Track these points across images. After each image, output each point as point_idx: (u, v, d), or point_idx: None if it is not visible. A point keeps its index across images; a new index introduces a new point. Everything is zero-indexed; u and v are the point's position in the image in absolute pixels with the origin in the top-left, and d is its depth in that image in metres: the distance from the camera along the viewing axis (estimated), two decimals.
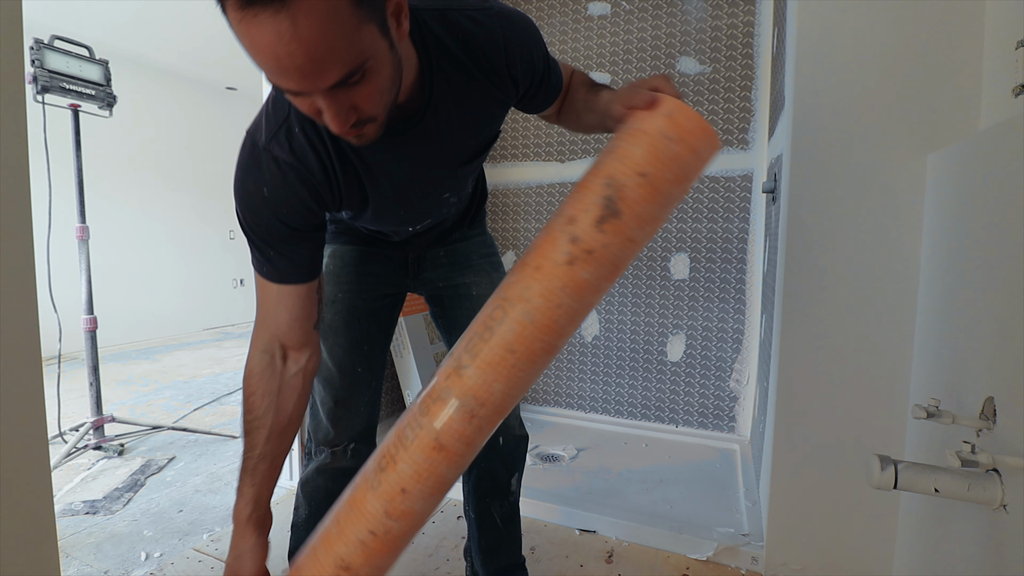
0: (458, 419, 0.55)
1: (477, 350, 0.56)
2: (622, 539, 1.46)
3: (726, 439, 2.07)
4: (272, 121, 0.66)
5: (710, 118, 2.04)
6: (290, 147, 0.65)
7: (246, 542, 0.71)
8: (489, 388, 0.55)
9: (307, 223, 0.70)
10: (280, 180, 0.66)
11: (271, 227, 0.68)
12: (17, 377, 0.72)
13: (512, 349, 0.55)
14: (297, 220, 0.68)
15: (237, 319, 5.28)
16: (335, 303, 0.95)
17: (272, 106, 0.66)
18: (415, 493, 0.56)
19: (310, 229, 0.71)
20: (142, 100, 4.31)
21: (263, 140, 0.65)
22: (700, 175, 0.56)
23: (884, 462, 0.62)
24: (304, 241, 0.71)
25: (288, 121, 0.65)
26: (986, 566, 0.67)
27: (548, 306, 0.55)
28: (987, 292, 0.74)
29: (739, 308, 2.06)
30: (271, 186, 0.66)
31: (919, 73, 1.04)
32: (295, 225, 0.68)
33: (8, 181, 0.70)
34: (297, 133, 0.65)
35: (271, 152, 0.65)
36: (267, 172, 0.65)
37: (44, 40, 1.97)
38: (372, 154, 0.70)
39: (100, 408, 2.14)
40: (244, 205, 0.68)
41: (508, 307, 0.56)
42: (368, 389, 0.98)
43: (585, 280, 0.56)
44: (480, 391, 0.55)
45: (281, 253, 0.70)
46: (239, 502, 0.71)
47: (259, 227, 0.68)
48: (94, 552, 1.43)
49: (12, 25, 0.70)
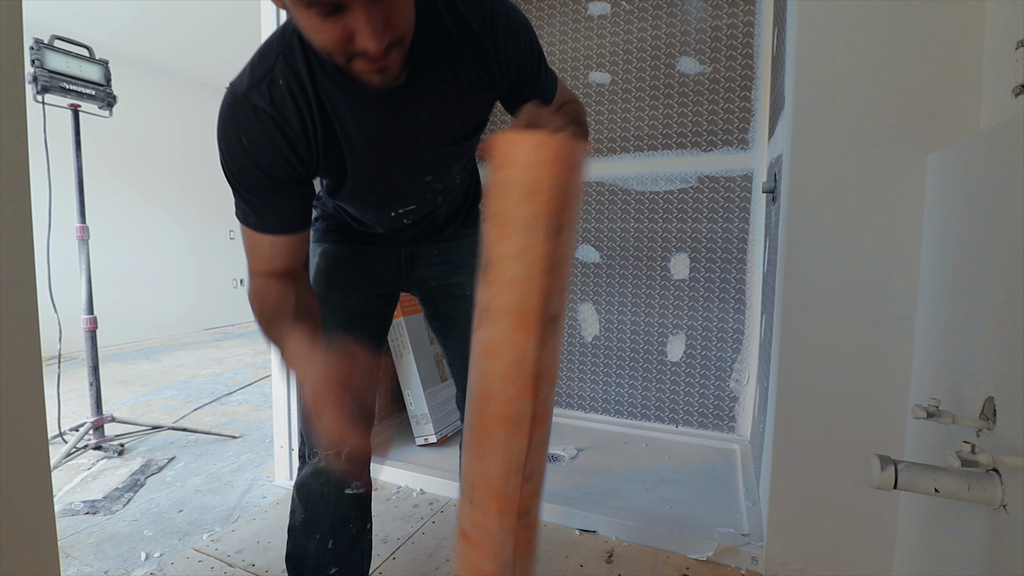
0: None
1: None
2: (622, 539, 1.46)
3: (726, 439, 2.07)
4: (256, 71, 0.66)
5: (710, 118, 2.04)
6: (270, 97, 0.65)
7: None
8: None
9: (287, 176, 0.70)
10: (259, 129, 0.66)
11: (252, 177, 0.68)
12: (17, 377, 0.72)
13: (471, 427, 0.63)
14: (277, 171, 0.69)
15: (237, 319, 5.28)
16: (326, 303, 0.93)
17: (258, 59, 0.67)
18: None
19: (292, 183, 0.71)
20: (142, 100, 4.31)
21: (243, 88, 0.66)
22: (559, 177, 0.55)
23: (884, 462, 0.62)
24: (288, 194, 0.71)
25: (272, 73, 0.65)
26: (986, 566, 0.67)
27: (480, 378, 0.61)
28: (987, 292, 0.74)
29: (739, 308, 2.06)
30: (249, 135, 0.66)
31: (919, 73, 1.04)
32: (276, 176, 0.69)
33: (8, 181, 0.70)
34: (280, 85, 0.66)
35: (250, 100, 0.65)
36: (245, 121, 0.66)
37: (44, 40, 1.97)
38: (353, 117, 0.70)
39: (100, 408, 2.14)
40: (226, 154, 0.68)
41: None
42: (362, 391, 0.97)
43: (493, 338, 0.60)
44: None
45: (267, 203, 0.70)
46: (305, 367, 0.66)
47: (242, 176, 0.69)
48: (94, 552, 1.43)
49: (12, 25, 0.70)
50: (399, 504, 1.67)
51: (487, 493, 0.63)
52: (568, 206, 0.58)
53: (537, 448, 0.63)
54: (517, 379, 0.60)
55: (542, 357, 0.60)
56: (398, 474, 1.81)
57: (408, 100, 0.70)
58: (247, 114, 0.66)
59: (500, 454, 0.62)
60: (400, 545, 1.45)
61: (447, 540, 1.48)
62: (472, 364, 0.64)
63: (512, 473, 0.62)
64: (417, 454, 1.95)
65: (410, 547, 1.45)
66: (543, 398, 0.61)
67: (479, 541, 0.65)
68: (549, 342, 0.60)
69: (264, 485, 1.83)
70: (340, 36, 0.54)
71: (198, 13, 3.39)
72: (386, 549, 1.43)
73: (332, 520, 0.95)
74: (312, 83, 0.67)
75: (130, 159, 4.30)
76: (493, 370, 0.61)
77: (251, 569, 1.35)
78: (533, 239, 0.57)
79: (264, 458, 2.05)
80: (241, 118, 0.66)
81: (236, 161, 0.68)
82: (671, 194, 2.13)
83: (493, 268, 0.60)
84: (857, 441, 1.13)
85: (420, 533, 1.51)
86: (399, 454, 1.95)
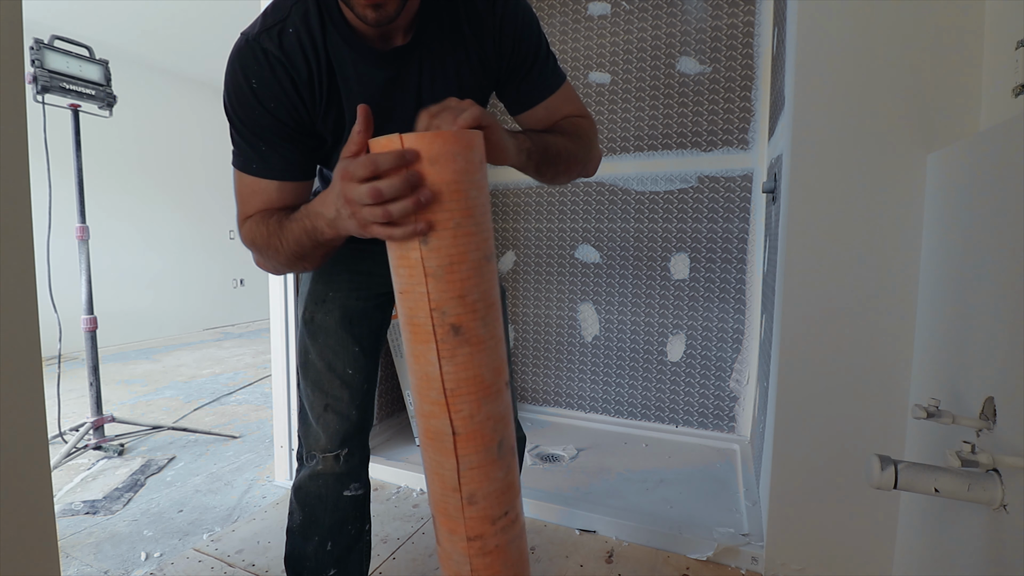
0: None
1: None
2: (622, 539, 1.46)
3: (726, 439, 2.07)
4: (269, 19, 0.69)
5: (710, 118, 2.04)
6: (280, 42, 0.68)
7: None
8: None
9: (293, 120, 0.71)
10: (268, 72, 0.68)
11: (261, 120, 0.69)
12: (17, 377, 0.72)
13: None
14: (283, 114, 0.70)
15: (237, 319, 5.28)
16: (326, 302, 0.92)
17: (271, 8, 0.70)
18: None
19: (298, 129, 0.72)
20: (142, 100, 4.31)
21: (254, 33, 0.68)
22: (427, 176, 0.53)
23: (884, 462, 0.62)
24: (295, 142, 0.72)
25: (284, 22, 0.68)
26: (986, 566, 0.67)
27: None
28: (987, 292, 0.74)
29: (739, 308, 2.06)
30: (259, 77, 0.68)
31: (919, 73, 1.04)
32: (284, 119, 0.70)
33: (8, 181, 0.70)
34: (291, 33, 0.68)
35: (260, 43, 0.68)
36: (254, 63, 0.68)
37: (44, 40, 1.97)
38: (356, 72, 0.72)
39: (100, 408, 2.14)
40: (233, 97, 0.69)
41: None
42: (360, 393, 0.94)
43: (407, 351, 0.60)
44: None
45: (272, 147, 0.71)
46: (310, 220, 0.65)
47: (249, 120, 0.70)
48: (94, 552, 1.43)
49: (12, 25, 0.70)
50: (399, 504, 1.67)
51: (436, 510, 0.62)
52: (440, 205, 0.54)
53: (476, 469, 0.58)
54: (428, 394, 0.58)
55: (452, 371, 0.56)
56: (398, 474, 1.81)
57: (411, 64, 0.73)
58: (257, 57, 0.68)
59: (434, 471, 0.60)
60: (400, 545, 1.45)
61: None
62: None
63: (449, 492, 0.59)
64: (417, 454, 1.95)
65: (410, 547, 1.45)
66: (466, 415, 0.57)
67: (442, 557, 0.64)
68: (457, 354, 0.56)
69: (264, 485, 1.83)
70: None
71: (198, 13, 3.39)
72: (386, 549, 1.43)
73: (331, 522, 0.94)
74: (323, 36, 0.69)
75: (130, 159, 4.30)
76: (413, 383, 0.60)
77: (251, 569, 1.35)
78: (405, 248, 0.55)
79: (264, 458, 2.05)
80: (251, 60, 0.68)
81: (244, 102, 0.69)
82: (671, 194, 2.13)
83: (394, 277, 0.58)
84: (857, 441, 1.13)
85: (420, 533, 1.51)
86: (399, 454, 1.95)
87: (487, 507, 0.60)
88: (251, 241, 0.73)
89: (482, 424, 0.58)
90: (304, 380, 0.94)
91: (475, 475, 0.59)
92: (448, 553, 0.62)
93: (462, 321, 0.56)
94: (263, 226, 0.71)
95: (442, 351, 0.56)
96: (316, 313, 0.93)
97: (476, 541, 0.60)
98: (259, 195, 0.73)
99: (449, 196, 0.54)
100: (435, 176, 0.53)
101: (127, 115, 4.01)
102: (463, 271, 0.55)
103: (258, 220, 0.72)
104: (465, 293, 0.56)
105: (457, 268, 0.55)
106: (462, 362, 0.56)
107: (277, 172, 0.72)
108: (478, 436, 0.59)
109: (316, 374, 0.92)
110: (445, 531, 0.61)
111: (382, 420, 2.15)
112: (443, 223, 0.54)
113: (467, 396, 0.57)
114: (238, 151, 0.73)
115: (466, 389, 0.57)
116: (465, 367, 0.57)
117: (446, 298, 0.55)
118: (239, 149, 0.72)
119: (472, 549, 0.60)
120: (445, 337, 0.55)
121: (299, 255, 0.70)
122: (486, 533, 0.60)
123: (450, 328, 0.55)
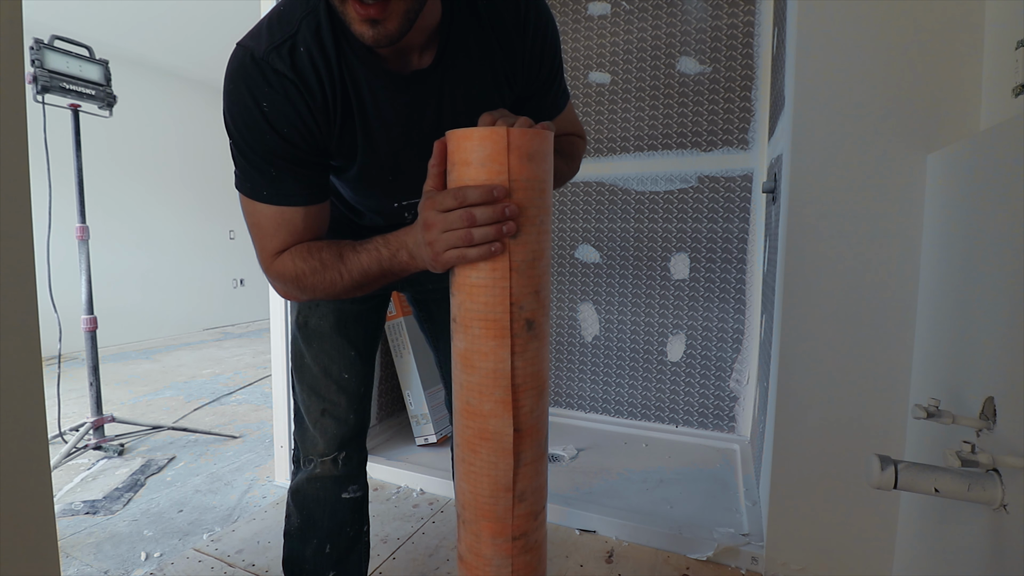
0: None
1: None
2: (622, 539, 1.46)
3: (726, 439, 2.07)
4: (276, 35, 0.62)
5: (710, 118, 2.04)
6: (292, 62, 0.62)
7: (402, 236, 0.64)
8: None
9: (307, 144, 0.65)
10: (280, 95, 0.62)
11: (272, 144, 0.63)
12: (17, 377, 0.72)
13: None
14: (298, 137, 0.64)
15: (237, 319, 5.28)
16: (319, 306, 0.90)
17: (277, 21, 0.63)
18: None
19: (312, 153, 0.67)
20: (142, 100, 4.31)
21: (262, 51, 0.62)
22: (514, 171, 0.53)
23: (884, 462, 0.62)
24: (308, 166, 0.67)
25: (294, 39, 0.62)
26: (986, 566, 0.67)
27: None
28: (987, 292, 0.74)
29: (739, 308, 2.06)
30: (270, 100, 0.62)
31: (919, 73, 1.04)
32: (296, 142, 0.64)
33: (8, 181, 0.70)
34: (302, 52, 0.62)
35: (270, 64, 0.61)
36: (264, 84, 0.62)
37: (44, 40, 1.97)
38: (373, 96, 0.67)
39: (100, 408, 2.14)
40: (239, 120, 0.63)
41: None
42: (356, 397, 0.93)
43: (466, 348, 0.59)
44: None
45: (285, 172, 0.65)
46: (389, 250, 0.65)
47: (258, 144, 0.64)
48: (94, 552, 1.43)
49: (12, 25, 0.70)
50: (399, 504, 1.67)
51: (477, 515, 0.60)
52: (530, 200, 0.54)
53: (528, 465, 0.58)
54: (494, 392, 0.56)
55: (521, 366, 0.56)
56: (398, 474, 1.81)
57: (431, 87, 0.69)
58: (267, 78, 0.62)
59: (486, 473, 0.58)
60: (400, 545, 1.45)
61: (447, 540, 1.48)
62: (453, 376, 0.61)
63: (501, 493, 0.58)
64: (417, 454, 1.95)
65: (410, 547, 1.45)
66: (527, 411, 0.57)
67: (475, 565, 0.61)
68: (528, 349, 0.56)
69: (264, 485, 1.83)
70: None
71: (198, 13, 3.39)
72: (386, 549, 1.43)
73: (329, 524, 0.94)
74: (336, 55, 0.64)
75: (130, 159, 4.30)
76: (470, 382, 0.58)
77: (251, 569, 1.35)
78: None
79: (264, 458, 2.05)
80: (260, 81, 0.62)
81: (253, 125, 0.63)
82: (671, 194, 2.13)
83: (457, 274, 0.57)
84: (857, 441, 1.13)
85: (420, 533, 1.51)
86: (399, 454, 1.95)
87: (532, 503, 0.60)
88: (292, 276, 0.67)
89: (537, 419, 0.59)
90: (300, 384, 0.93)
91: (527, 471, 0.59)
92: (486, 559, 0.60)
93: (536, 316, 0.57)
94: (312, 260, 0.66)
95: (516, 346, 0.56)
96: (310, 317, 0.91)
97: (520, 540, 0.60)
98: (285, 227, 0.67)
99: (539, 192, 0.55)
100: (530, 172, 0.54)
101: (127, 115, 4.01)
102: (541, 266, 0.57)
103: (301, 255, 0.67)
104: (540, 288, 0.57)
105: (537, 263, 0.56)
106: (531, 357, 0.57)
107: (296, 197, 0.66)
108: (534, 432, 0.59)
109: (312, 379, 0.91)
110: (488, 535, 0.59)
111: (382, 420, 2.15)
112: (531, 219, 0.55)
113: (530, 392, 0.58)
114: (244, 176, 0.66)
115: (530, 384, 0.58)
116: (532, 362, 0.57)
117: (525, 292, 0.55)
118: (245, 174, 0.66)
119: (516, 548, 0.60)
120: (520, 332, 0.55)
121: (360, 285, 0.67)
122: (529, 529, 0.61)
123: (525, 323, 0.56)
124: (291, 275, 0.68)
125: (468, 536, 0.61)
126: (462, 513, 0.62)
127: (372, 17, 0.55)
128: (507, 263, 0.54)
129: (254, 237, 0.69)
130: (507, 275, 0.54)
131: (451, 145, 0.56)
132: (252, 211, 0.68)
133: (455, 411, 0.62)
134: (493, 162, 0.53)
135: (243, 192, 0.68)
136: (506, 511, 0.58)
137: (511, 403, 0.56)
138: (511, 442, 0.57)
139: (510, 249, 0.54)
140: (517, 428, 0.57)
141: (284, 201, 0.66)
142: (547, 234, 0.58)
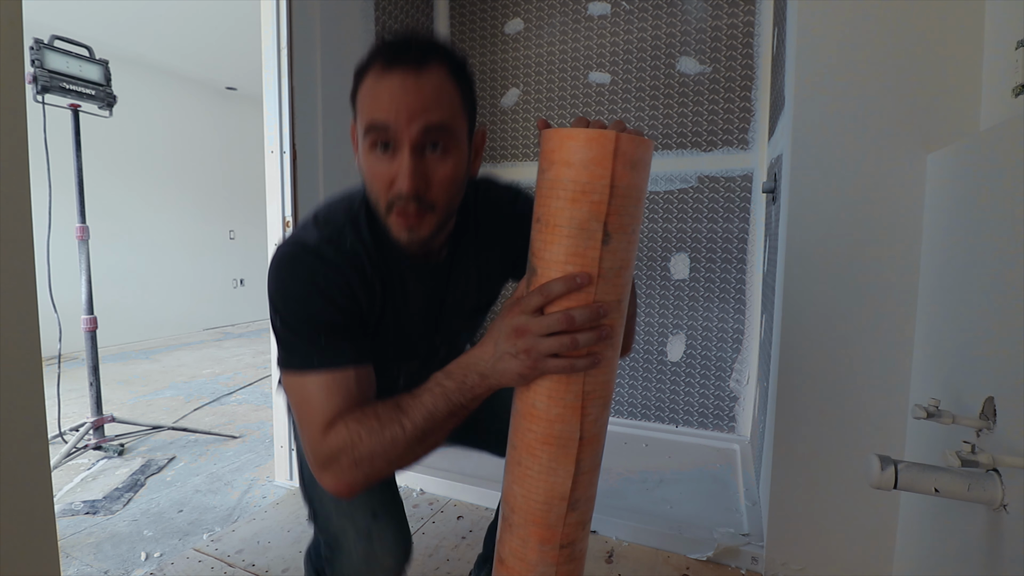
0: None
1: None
2: (622, 539, 1.46)
3: (726, 439, 2.07)
4: (325, 230, 0.70)
5: (710, 118, 2.05)
6: (339, 250, 0.69)
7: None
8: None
9: (353, 315, 0.68)
10: (333, 270, 0.67)
11: (323, 313, 0.66)
12: (17, 377, 0.72)
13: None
14: (346, 303, 0.67)
15: (237, 319, 5.28)
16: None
17: (323, 219, 0.71)
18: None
19: (358, 323, 0.69)
20: (142, 100, 4.31)
21: (312, 242, 0.68)
22: (615, 176, 0.51)
23: (884, 462, 0.62)
24: (355, 332, 0.69)
25: (341, 234, 0.70)
26: (986, 566, 0.67)
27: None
28: (987, 292, 0.74)
29: (739, 308, 2.06)
30: (323, 275, 0.67)
31: (919, 73, 1.04)
32: (345, 307, 0.67)
33: (8, 181, 0.70)
34: (348, 244, 0.70)
35: (320, 251, 0.68)
36: (319, 264, 0.67)
37: (44, 40, 1.97)
38: (402, 286, 0.75)
39: (100, 408, 2.14)
40: (289, 296, 0.66)
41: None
42: (394, 482, 0.93)
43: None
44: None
45: (335, 338, 0.66)
46: (453, 381, 0.62)
47: (308, 315, 0.65)
48: (94, 552, 1.43)
49: (12, 25, 0.70)
50: None
51: (527, 519, 0.58)
52: (625, 208, 0.53)
53: (586, 474, 0.58)
54: (564, 397, 0.55)
55: (594, 374, 0.55)
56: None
57: (444, 277, 0.78)
58: (323, 259, 0.67)
59: (543, 479, 0.57)
60: None
61: (447, 540, 1.48)
62: None
63: (555, 501, 0.57)
64: None
65: None
66: (592, 419, 0.56)
67: (517, 570, 0.60)
68: (604, 356, 0.55)
69: (264, 485, 1.83)
70: (387, 175, 0.62)
71: (198, 13, 3.39)
72: None
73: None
74: (376, 248, 0.71)
75: (130, 159, 4.30)
76: (539, 385, 0.56)
77: (251, 569, 1.35)
78: (584, 243, 0.52)
79: (264, 458, 2.05)
80: (314, 262, 0.67)
81: (303, 298, 0.65)
82: (671, 194, 2.13)
83: (539, 275, 0.55)
84: (857, 441, 1.13)
85: (420, 533, 1.51)
86: None
87: (583, 512, 0.60)
88: (350, 444, 0.61)
89: (600, 429, 0.58)
90: (322, 504, 0.83)
91: (584, 480, 0.58)
92: (530, 564, 0.59)
93: (614, 324, 0.55)
94: (369, 420, 0.61)
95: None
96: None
97: (567, 548, 0.59)
98: (338, 391, 0.64)
99: (635, 202, 0.54)
100: (631, 180, 0.52)
101: (127, 115, 4.01)
102: (626, 276, 0.56)
103: (356, 418, 0.62)
104: (621, 297, 0.56)
105: (623, 272, 0.55)
106: (604, 366, 0.56)
107: (346, 357, 0.65)
108: (595, 441, 0.58)
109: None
110: (536, 540, 0.58)
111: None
112: (625, 227, 0.53)
113: (597, 400, 0.57)
114: (292, 352, 0.65)
115: (599, 393, 0.57)
116: (604, 371, 0.56)
117: (608, 300, 0.54)
118: (294, 350, 0.65)
119: (562, 556, 0.59)
120: (600, 338, 0.55)
121: (424, 435, 0.61)
122: (577, 539, 0.60)
123: (606, 329, 0.55)
124: (347, 443, 0.61)
125: (513, 540, 0.60)
126: (509, 516, 0.60)
127: (411, 226, 0.64)
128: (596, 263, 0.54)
129: (302, 421, 0.65)
130: (594, 281, 0.53)
131: (551, 144, 0.54)
132: (300, 387, 0.65)
133: (515, 413, 0.60)
134: (597, 166, 0.51)
135: (291, 368, 0.66)
136: (558, 518, 0.57)
137: (580, 409, 0.55)
138: (576, 448, 0.56)
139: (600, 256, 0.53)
140: (582, 436, 0.56)
141: (335, 362, 0.64)
142: (635, 245, 0.56)
